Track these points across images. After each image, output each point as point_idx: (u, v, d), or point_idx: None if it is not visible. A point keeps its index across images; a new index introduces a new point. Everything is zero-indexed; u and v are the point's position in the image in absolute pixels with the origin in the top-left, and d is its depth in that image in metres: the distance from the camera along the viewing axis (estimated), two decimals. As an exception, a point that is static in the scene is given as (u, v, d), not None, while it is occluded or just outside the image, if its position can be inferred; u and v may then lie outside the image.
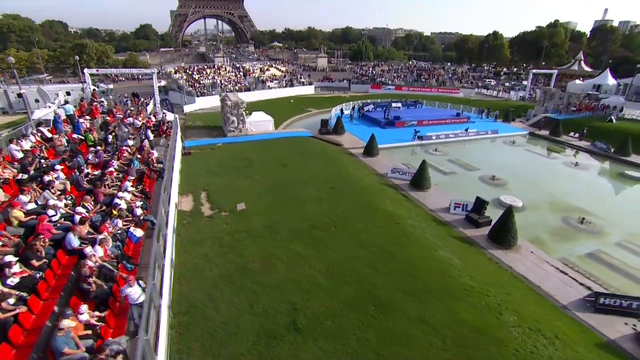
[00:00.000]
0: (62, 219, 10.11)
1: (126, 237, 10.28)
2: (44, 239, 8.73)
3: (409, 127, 35.28)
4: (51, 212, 9.87)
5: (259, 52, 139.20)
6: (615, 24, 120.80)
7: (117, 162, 14.61)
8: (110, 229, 10.01)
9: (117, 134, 18.57)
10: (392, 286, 11.66)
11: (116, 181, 13.38)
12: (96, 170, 14.19)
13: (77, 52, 61.28)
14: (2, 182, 11.18)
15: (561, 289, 13.04)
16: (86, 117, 19.92)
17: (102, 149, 15.99)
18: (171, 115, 28.50)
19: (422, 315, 10.46)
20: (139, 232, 10.64)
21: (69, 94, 32.68)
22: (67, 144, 15.88)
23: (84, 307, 7.24)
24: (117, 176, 13.71)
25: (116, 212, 10.90)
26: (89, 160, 14.62)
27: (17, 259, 7.87)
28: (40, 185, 11.31)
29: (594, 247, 16.44)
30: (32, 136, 15.20)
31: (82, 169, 13.28)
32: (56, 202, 10.38)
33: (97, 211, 11.18)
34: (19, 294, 7.26)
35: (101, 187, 12.21)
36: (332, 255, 13.30)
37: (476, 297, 11.45)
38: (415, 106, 45.25)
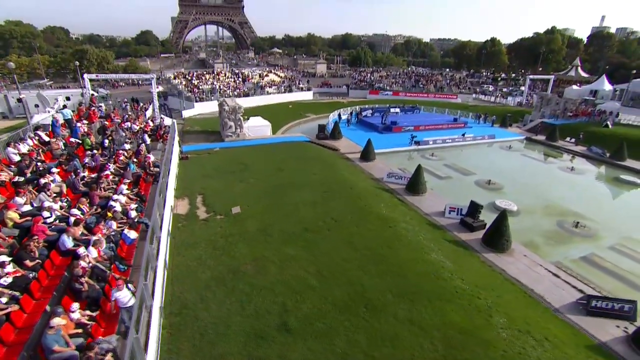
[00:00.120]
0: (57, 221, 10.27)
1: (120, 239, 10.43)
2: (38, 240, 8.88)
3: (406, 132, 35.35)
4: (46, 214, 10.03)
5: (259, 58, 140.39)
6: (612, 30, 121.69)
7: (113, 166, 14.82)
8: (104, 230, 10.17)
9: (114, 138, 18.80)
10: (383, 288, 11.73)
11: (112, 184, 13.57)
12: (92, 173, 14.38)
13: (78, 58, 61.89)
14: (-2, 184, 11.34)
15: (554, 291, 13.06)
16: (84, 122, 20.19)
17: (98, 152, 16.19)
18: (169, 120, 28.77)
19: (412, 316, 10.54)
20: (133, 234, 10.80)
21: (68, 99, 33.00)
22: (64, 148, 16.10)
23: (75, 306, 7.36)
24: (113, 179, 13.90)
25: (110, 214, 11.07)
26: (86, 163, 14.82)
27: (11, 259, 8.01)
28: (36, 187, 11.47)
29: (588, 251, 16.51)
30: (30, 140, 15.41)
31: (78, 172, 13.47)
32: (51, 204, 10.54)
33: (92, 213, 11.35)
34: (12, 293, 7.38)
35: (97, 189, 12.39)
36: (324, 257, 13.38)
37: (466, 300, 11.51)
38: (412, 111, 45.44)
